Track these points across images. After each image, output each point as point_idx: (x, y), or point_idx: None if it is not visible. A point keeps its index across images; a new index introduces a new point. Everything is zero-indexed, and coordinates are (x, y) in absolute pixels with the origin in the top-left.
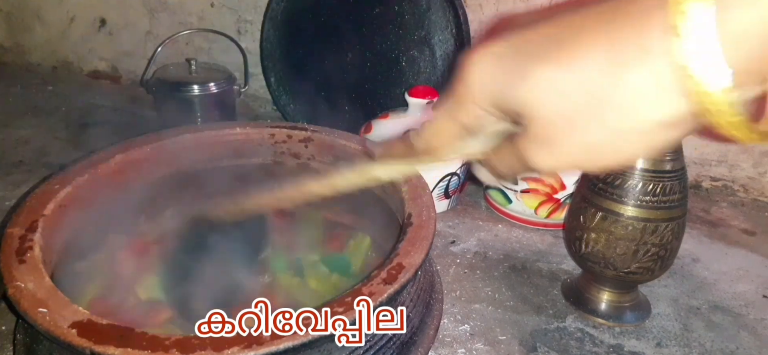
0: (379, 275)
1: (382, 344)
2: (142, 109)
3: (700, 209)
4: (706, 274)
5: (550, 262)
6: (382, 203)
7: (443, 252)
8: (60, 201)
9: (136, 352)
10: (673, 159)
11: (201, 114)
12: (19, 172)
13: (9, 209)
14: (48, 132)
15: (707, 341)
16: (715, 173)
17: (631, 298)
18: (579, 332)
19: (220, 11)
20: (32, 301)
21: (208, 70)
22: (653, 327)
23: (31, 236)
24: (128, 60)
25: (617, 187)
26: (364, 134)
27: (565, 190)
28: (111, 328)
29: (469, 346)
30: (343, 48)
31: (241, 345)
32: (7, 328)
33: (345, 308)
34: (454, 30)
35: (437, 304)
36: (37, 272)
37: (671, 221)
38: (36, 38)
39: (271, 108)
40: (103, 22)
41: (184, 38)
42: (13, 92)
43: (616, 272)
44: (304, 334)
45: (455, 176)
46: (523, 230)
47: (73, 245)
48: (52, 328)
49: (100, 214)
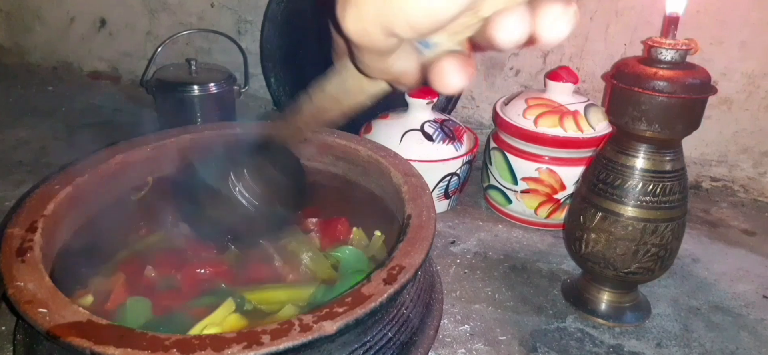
0: (379, 276)
1: (382, 344)
2: (142, 109)
3: (700, 209)
4: (706, 274)
5: (550, 262)
6: (382, 203)
7: (443, 252)
8: (60, 201)
9: (136, 352)
10: (673, 159)
11: (201, 114)
12: (19, 172)
13: (9, 209)
14: (48, 132)
15: (707, 341)
16: (715, 173)
17: (631, 298)
18: (579, 332)
19: (220, 11)
20: (32, 301)
21: (208, 70)
22: (653, 327)
23: (31, 236)
24: (128, 60)
25: (617, 187)
26: (364, 134)
27: (565, 190)
28: (111, 328)
29: (469, 346)
30: None
31: (241, 345)
32: (7, 328)
33: (346, 309)
34: None
35: (437, 304)
36: (37, 272)
37: (671, 222)
38: (36, 38)
39: (272, 108)
40: (103, 23)
41: (184, 39)
42: (13, 93)
43: (616, 272)
44: (304, 334)
45: (455, 176)
46: (523, 230)
47: (73, 245)
48: (52, 328)
49: (101, 214)
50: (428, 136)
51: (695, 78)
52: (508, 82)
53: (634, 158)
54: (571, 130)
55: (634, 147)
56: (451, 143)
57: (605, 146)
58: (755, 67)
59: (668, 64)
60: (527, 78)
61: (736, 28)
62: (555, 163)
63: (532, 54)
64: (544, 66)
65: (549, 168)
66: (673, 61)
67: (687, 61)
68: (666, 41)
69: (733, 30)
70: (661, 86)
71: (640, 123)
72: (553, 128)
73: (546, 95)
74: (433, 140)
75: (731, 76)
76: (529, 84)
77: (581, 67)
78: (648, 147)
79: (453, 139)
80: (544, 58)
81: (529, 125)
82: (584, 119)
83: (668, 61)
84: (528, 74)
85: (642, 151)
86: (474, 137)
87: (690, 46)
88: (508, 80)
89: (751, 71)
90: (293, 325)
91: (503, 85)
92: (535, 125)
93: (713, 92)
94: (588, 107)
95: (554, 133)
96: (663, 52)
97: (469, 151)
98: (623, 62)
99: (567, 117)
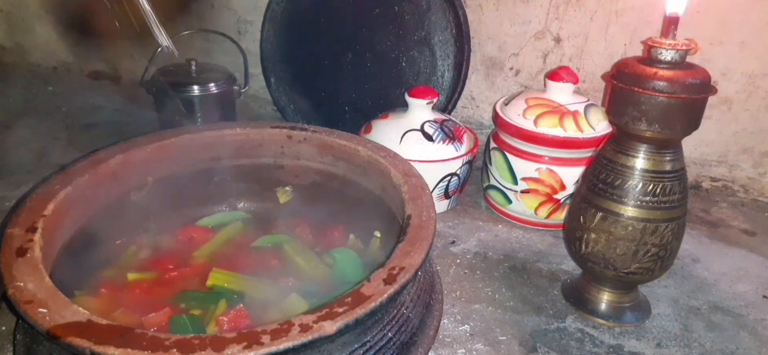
0: (379, 276)
1: (382, 344)
2: (142, 109)
3: (700, 209)
4: (706, 274)
5: (550, 262)
6: (382, 203)
7: (443, 252)
8: (60, 201)
9: (136, 352)
10: (673, 159)
11: (201, 114)
12: (19, 172)
13: (9, 210)
14: (48, 132)
15: (707, 341)
16: (715, 174)
17: (631, 298)
18: (579, 332)
19: (220, 12)
20: (32, 301)
21: (208, 70)
22: (653, 327)
23: (31, 236)
24: (128, 61)
25: (617, 187)
26: (364, 134)
27: (565, 190)
28: (111, 328)
29: (469, 346)
30: (344, 48)
31: (241, 345)
32: (7, 328)
33: (346, 309)
34: (454, 30)
35: (437, 304)
36: (37, 273)
37: (671, 222)
38: (36, 39)
39: (271, 108)
40: None
41: (185, 39)
42: (13, 93)
43: (616, 272)
44: (304, 334)
45: (455, 176)
46: (523, 230)
47: (73, 245)
48: (52, 328)
49: (101, 214)
50: (428, 136)
51: (695, 78)
52: (508, 82)
53: (634, 158)
54: (571, 130)
55: (634, 147)
56: (451, 143)
57: (605, 146)
58: (755, 67)
59: (668, 64)
60: (527, 78)
61: (736, 28)
62: (555, 163)
63: (533, 54)
64: (544, 66)
65: (549, 168)
66: (673, 61)
67: (687, 61)
68: (666, 41)
69: (733, 30)
70: (661, 86)
71: (640, 123)
72: (553, 128)
73: (546, 95)
74: (433, 140)
75: (731, 76)
76: (529, 84)
77: (581, 67)
78: (648, 147)
79: (453, 139)
80: (544, 58)
81: (529, 125)
82: (584, 119)
83: (668, 61)
84: (528, 74)
85: (642, 152)
86: (474, 137)
87: (690, 46)
88: (508, 80)
89: (751, 71)
90: (293, 325)
91: (503, 85)
92: (535, 125)
93: (713, 92)
94: (588, 107)
95: (554, 133)
96: (663, 52)
97: (469, 151)
98: (623, 62)
99: (567, 117)
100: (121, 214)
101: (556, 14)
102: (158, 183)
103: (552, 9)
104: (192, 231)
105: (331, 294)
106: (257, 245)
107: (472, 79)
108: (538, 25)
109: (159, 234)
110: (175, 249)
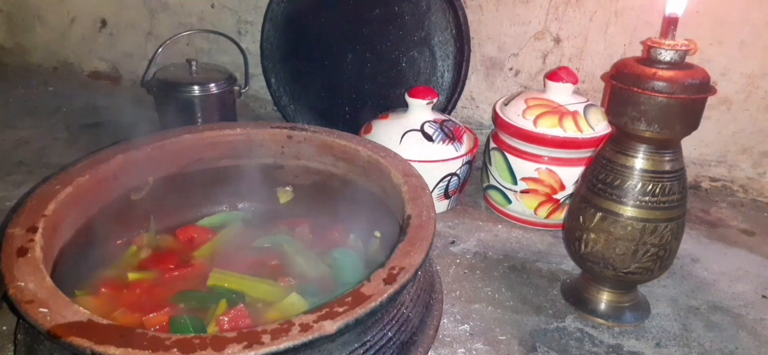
0: (379, 275)
1: (382, 344)
2: (143, 109)
3: (699, 209)
4: (706, 274)
5: (549, 262)
6: (382, 203)
7: (443, 252)
8: (60, 201)
9: (137, 352)
10: (673, 159)
11: (201, 115)
12: (19, 172)
13: (9, 209)
14: (48, 132)
15: (706, 341)
16: (715, 174)
17: (630, 298)
18: (578, 332)
19: (221, 12)
20: (33, 301)
21: (208, 70)
22: (652, 327)
23: (31, 236)
24: (129, 61)
25: (617, 187)
26: (364, 135)
27: (565, 190)
28: (111, 328)
29: (469, 346)
30: (344, 49)
31: (242, 345)
32: (7, 328)
33: (346, 309)
34: (454, 31)
35: (437, 304)
36: (38, 272)
37: (670, 222)
38: (36, 39)
39: (272, 109)
40: (104, 23)
41: (185, 39)
42: (13, 93)
43: (616, 272)
44: (304, 334)
45: (455, 176)
46: (522, 230)
47: (74, 244)
48: (53, 328)
49: (101, 214)
50: (428, 137)
51: (694, 78)
52: (508, 83)
53: (634, 158)
54: (570, 130)
55: (634, 147)
56: (450, 143)
57: (605, 146)
58: (755, 68)
59: (667, 65)
60: (527, 78)
61: (735, 28)
62: (554, 163)
63: (532, 54)
64: (544, 66)
65: (548, 168)
66: (672, 62)
67: (686, 62)
68: (665, 41)
69: (733, 30)
70: (660, 87)
71: (639, 123)
72: (553, 129)
73: (546, 96)
74: (433, 140)
75: (731, 76)
76: (528, 84)
77: (581, 67)
78: (647, 147)
79: (453, 139)
80: (544, 59)
81: (529, 125)
82: (584, 119)
83: (668, 61)
84: (528, 75)
85: (641, 152)
86: (474, 137)
87: (689, 46)
88: (507, 80)
89: (750, 71)
90: (293, 324)
91: (503, 86)
92: (535, 125)
93: (712, 92)
94: (587, 107)
95: (554, 133)
96: (662, 52)
97: (469, 151)
98: (623, 62)
99: (566, 117)
100: (121, 214)
101: (556, 15)
102: (158, 183)
103: (551, 9)
104: (192, 231)
105: (331, 294)
106: (257, 245)
107: (472, 80)
108: (537, 26)
109: (159, 234)
110: (176, 249)
